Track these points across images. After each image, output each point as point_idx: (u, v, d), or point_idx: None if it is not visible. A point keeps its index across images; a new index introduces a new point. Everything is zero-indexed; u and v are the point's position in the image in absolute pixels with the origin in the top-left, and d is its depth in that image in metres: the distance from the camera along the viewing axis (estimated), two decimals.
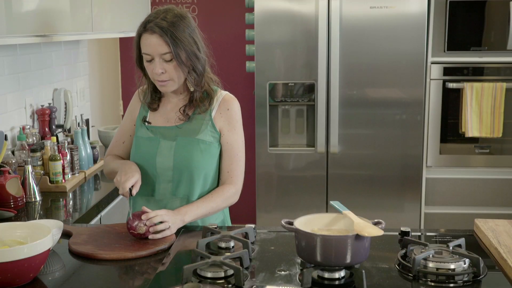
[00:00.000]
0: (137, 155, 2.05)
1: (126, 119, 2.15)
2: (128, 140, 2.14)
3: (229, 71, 4.32)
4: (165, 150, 2.00)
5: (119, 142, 2.16)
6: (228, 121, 2.04)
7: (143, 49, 1.93)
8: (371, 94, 3.65)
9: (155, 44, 1.89)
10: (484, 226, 1.88)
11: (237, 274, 1.49)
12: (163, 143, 2.01)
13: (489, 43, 3.60)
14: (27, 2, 2.34)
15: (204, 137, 2.01)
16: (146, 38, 1.91)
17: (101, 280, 1.62)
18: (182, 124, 2.02)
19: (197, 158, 1.99)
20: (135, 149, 2.06)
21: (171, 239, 1.83)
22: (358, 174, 3.71)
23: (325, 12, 3.51)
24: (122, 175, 1.92)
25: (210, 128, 2.02)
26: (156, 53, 1.90)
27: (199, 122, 2.02)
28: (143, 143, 2.04)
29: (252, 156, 3.86)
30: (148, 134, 2.04)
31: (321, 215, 1.69)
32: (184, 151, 1.99)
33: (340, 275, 1.52)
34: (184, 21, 1.93)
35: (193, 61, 1.94)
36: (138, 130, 2.07)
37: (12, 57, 2.82)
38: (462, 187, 3.74)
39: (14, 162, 2.53)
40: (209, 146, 2.01)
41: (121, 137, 2.16)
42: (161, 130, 2.04)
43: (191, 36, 1.94)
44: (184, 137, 2.00)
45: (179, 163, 2.00)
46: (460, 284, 1.52)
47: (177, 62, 1.90)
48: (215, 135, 2.03)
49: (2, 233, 1.64)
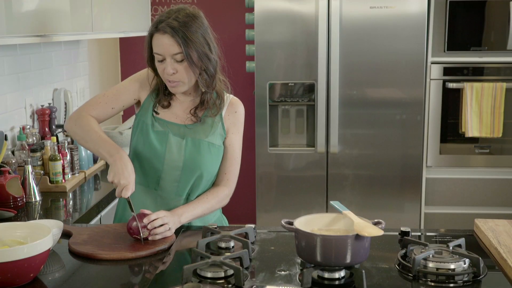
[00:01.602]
0: (145, 147, 1.98)
1: (128, 88, 2.02)
2: (118, 108, 2.02)
3: (229, 71, 4.31)
4: (175, 147, 1.97)
5: (107, 105, 2.00)
6: (234, 123, 2.04)
7: (155, 49, 1.90)
8: (371, 94, 3.65)
9: (166, 44, 1.86)
10: (484, 226, 1.88)
11: (237, 274, 1.49)
12: (172, 139, 1.97)
13: (489, 43, 3.60)
14: (27, 2, 2.34)
15: (214, 140, 1.99)
16: (158, 38, 1.88)
17: (101, 280, 1.62)
18: (192, 125, 2.00)
19: (206, 161, 1.98)
20: (143, 139, 1.98)
21: (171, 239, 1.83)
22: (358, 174, 3.71)
23: (325, 12, 3.51)
24: (121, 178, 1.82)
25: (220, 129, 2.01)
26: (168, 53, 1.87)
27: (210, 124, 2.00)
28: (152, 136, 1.98)
29: (252, 156, 3.87)
30: (157, 127, 1.98)
31: (321, 215, 1.69)
32: (195, 153, 1.97)
33: (340, 275, 1.52)
34: (196, 21, 1.90)
35: (205, 62, 1.91)
36: (146, 118, 1.99)
37: (12, 57, 2.82)
38: (462, 187, 3.74)
39: (14, 162, 2.53)
40: (218, 149, 2.00)
41: (112, 101, 2.01)
42: (169, 125, 1.99)
43: (203, 37, 1.91)
44: (193, 138, 1.98)
45: (189, 165, 1.97)
46: (460, 284, 1.52)
47: (188, 62, 1.87)
48: (223, 137, 2.02)
49: (2, 233, 1.64)
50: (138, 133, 2.01)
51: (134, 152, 2.02)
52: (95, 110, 2.01)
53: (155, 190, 2.01)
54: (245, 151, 2.14)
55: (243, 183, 4.24)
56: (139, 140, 2.00)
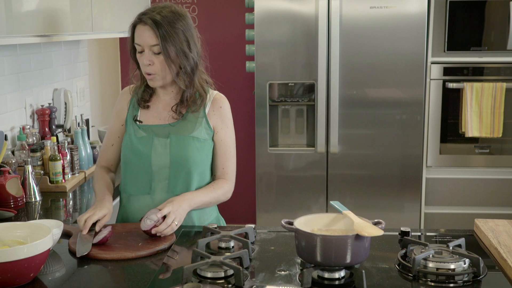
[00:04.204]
0: (131, 155, 2.04)
1: (114, 121, 2.14)
2: (117, 142, 2.12)
3: (229, 71, 4.32)
4: (160, 148, 2.01)
5: (108, 146, 2.14)
6: (221, 119, 2.07)
7: (136, 40, 1.97)
8: (371, 94, 3.65)
9: (146, 35, 1.93)
10: (484, 226, 1.88)
11: (237, 274, 1.49)
12: (156, 141, 2.02)
13: (489, 43, 3.60)
14: (27, 2, 2.34)
15: (199, 135, 2.03)
16: (139, 29, 1.96)
17: (101, 280, 1.62)
18: (176, 123, 2.04)
19: (193, 155, 2.01)
20: (129, 149, 2.05)
21: (171, 239, 1.83)
22: (358, 174, 3.71)
23: (325, 12, 3.51)
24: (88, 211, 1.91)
25: (205, 125, 2.04)
26: (146, 44, 1.94)
27: (193, 120, 2.04)
28: (136, 143, 2.04)
29: (252, 156, 3.87)
30: (140, 134, 2.04)
31: (321, 215, 1.69)
32: (179, 148, 2.01)
33: (340, 275, 1.52)
34: (180, 18, 1.96)
35: (182, 59, 1.96)
36: (129, 129, 2.07)
37: (12, 57, 2.82)
38: (462, 187, 3.74)
39: (14, 162, 2.53)
40: (204, 143, 2.03)
41: (109, 140, 2.14)
42: (153, 128, 2.04)
43: (184, 35, 1.96)
44: (177, 135, 2.02)
45: (176, 160, 2.00)
46: (460, 284, 1.52)
47: (164, 56, 1.93)
48: (209, 132, 2.05)
49: (2, 233, 1.64)
50: (124, 145, 2.07)
51: (124, 163, 2.08)
52: (103, 159, 2.15)
53: (148, 194, 2.04)
54: (245, 151, 2.14)
55: (243, 183, 4.25)
56: (126, 150, 2.06)
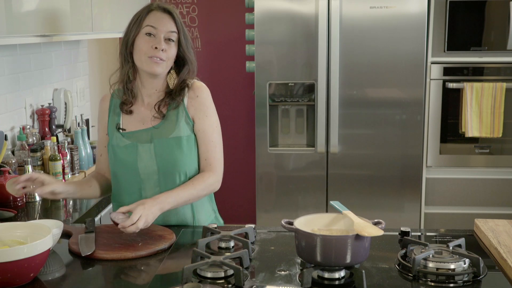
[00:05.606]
0: (117, 164, 2.01)
1: (99, 131, 2.12)
2: (104, 152, 2.09)
3: (229, 71, 4.32)
4: (145, 155, 1.97)
5: (97, 156, 2.15)
6: (199, 108, 2.01)
7: (151, 22, 1.95)
8: (371, 94, 3.65)
9: (165, 20, 1.96)
10: (484, 226, 1.88)
11: (237, 274, 1.49)
12: (141, 148, 1.97)
13: (489, 43, 3.60)
14: (27, 2, 2.34)
15: (180, 133, 1.98)
16: (156, 14, 1.97)
17: (101, 280, 1.62)
18: (159, 124, 1.99)
19: (180, 157, 1.97)
20: (114, 159, 2.01)
21: (171, 239, 1.83)
22: (358, 174, 3.71)
23: (325, 12, 3.51)
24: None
25: (185, 119, 1.99)
26: (164, 29, 1.94)
27: (173, 119, 1.99)
28: (120, 152, 1.99)
29: (252, 156, 3.87)
30: (124, 142, 1.99)
31: (321, 215, 1.69)
32: (164, 153, 1.97)
33: (340, 275, 1.52)
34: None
35: (189, 56, 2.00)
36: (112, 138, 2.02)
37: (12, 57, 2.82)
38: (462, 187, 3.74)
39: (14, 162, 2.53)
40: (188, 139, 1.98)
41: (99, 150, 2.13)
42: (136, 134, 2.00)
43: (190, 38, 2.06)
44: (160, 138, 1.97)
45: (163, 165, 1.97)
46: (460, 284, 1.52)
47: (179, 44, 1.97)
48: (190, 124, 2.00)
49: (2, 233, 1.64)
50: (109, 156, 2.04)
51: (113, 174, 2.05)
52: (97, 167, 2.16)
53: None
54: (245, 151, 2.14)
55: (243, 183, 4.25)
56: (111, 162, 2.03)
